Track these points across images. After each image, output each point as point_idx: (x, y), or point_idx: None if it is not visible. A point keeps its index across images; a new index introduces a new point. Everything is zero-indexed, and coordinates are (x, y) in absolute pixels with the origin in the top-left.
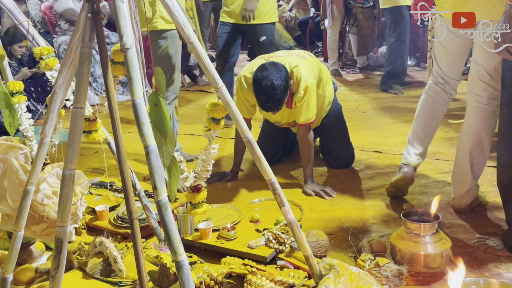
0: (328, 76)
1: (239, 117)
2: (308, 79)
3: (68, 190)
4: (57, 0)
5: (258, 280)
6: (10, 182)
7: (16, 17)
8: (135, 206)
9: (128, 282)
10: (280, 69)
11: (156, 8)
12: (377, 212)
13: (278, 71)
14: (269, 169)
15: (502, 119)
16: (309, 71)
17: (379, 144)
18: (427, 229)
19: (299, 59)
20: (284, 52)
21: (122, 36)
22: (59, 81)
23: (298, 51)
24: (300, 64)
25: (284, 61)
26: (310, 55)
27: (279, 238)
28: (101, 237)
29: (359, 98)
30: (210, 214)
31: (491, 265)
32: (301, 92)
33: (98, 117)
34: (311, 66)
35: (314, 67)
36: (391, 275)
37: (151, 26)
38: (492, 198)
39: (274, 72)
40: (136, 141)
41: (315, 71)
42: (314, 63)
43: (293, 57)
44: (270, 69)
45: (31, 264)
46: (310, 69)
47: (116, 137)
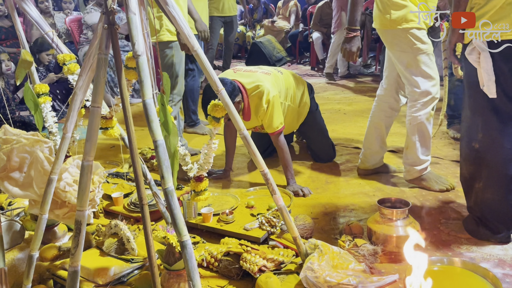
0: (304, 88)
1: (236, 117)
2: (270, 92)
3: (86, 179)
4: (88, 13)
5: (252, 258)
6: (36, 172)
7: (42, 28)
8: (145, 193)
9: (139, 259)
10: (226, 85)
11: (163, 22)
12: (356, 200)
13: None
14: (262, 161)
15: (464, 120)
16: (271, 85)
17: (358, 141)
18: (399, 214)
19: (263, 75)
20: (254, 67)
21: (134, 44)
22: (79, 83)
23: (268, 67)
24: (262, 80)
25: (248, 76)
26: (279, 72)
27: (271, 221)
28: (116, 220)
29: (340, 101)
30: (211, 200)
31: (453, 245)
32: (264, 106)
33: (114, 116)
34: (275, 81)
35: (280, 82)
36: (367, 254)
37: (158, 37)
38: (455, 188)
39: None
40: (147, 137)
41: (279, 86)
42: (281, 79)
43: (257, 73)
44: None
45: (54, 243)
46: (274, 83)
47: (128, 133)
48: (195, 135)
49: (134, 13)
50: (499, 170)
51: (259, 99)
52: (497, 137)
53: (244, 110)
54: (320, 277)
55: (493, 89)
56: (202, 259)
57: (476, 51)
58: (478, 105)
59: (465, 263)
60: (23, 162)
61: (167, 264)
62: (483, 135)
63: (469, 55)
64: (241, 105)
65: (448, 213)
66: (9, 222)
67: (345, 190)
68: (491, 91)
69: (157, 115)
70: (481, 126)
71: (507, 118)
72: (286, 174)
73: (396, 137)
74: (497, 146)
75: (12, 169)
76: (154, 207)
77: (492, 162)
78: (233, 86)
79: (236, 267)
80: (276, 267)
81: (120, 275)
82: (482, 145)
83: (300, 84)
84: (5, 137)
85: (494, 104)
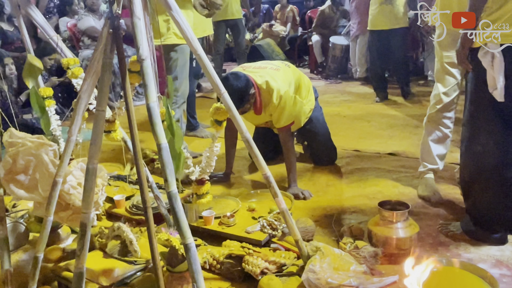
0: (309, 85)
1: (239, 119)
2: (280, 89)
3: (91, 182)
4: (80, 20)
5: (254, 260)
6: (41, 175)
7: (47, 32)
8: (148, 196)
9: (142, 261)
10: (240, 78)
11: (170, 26)
12: (356, 202)
13: (237, 80)
14: (264, 164)
15: (466, 123)
16: (282, 80)
17: (357, 144)
18: (399, 216)
19: (272, 71)
20: (262, 63)
21: (139, 49)
22: (84, 87)
23: (275, 61)
24: (273, 76)
25: (258, 73)
26: (287, 65)
27: (272, 224)
28: (118, 222)
29: (340, 104)
30: (213, 203)
31: (452, 246)
32: (275, 102)
33: (116, 119)
34: (285, 75)
35: (289, 76)
36: (368, 256)
37: (165, 40)
38: (453, 190)
39: (233, 81)
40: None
41: (289, 79)
42: (289, 72)
43: (267, 70)
44: (230, 79)
45: (59, 245)
46: (284, 78)
47: (132, 136)
48: (194, 138)
49: (139, 18)
50: (499, 173)
51: (270, 96)
52: (499, 141)
53: (256, 105)
54: (322, 279)
55: (503, 93)
56: (204, 262)
57: (489, 54)
58: (481, 109)
59: (464, 264)
60: (28, 165)
61: (170, 266)
62: (486, 138)
63: (483, 58)
64: (254, 99)
65: (447, 214)
66: (14, 224)
67: (345, 193)
68: (501, 94)
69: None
70: (483, 130)
71: (510, 122)
72: (289, 176)
73: (394, 141)
74: (499, 150)
75: (18, 172)
76: (156, 209)
77: (493, 165)
78: (246, 79)
79: (238, 269)
80: (278, 269)
81: (123, 276)
82: (484, 149)
83: (306, 80)
84: (11, 140)
85: (498, 108)
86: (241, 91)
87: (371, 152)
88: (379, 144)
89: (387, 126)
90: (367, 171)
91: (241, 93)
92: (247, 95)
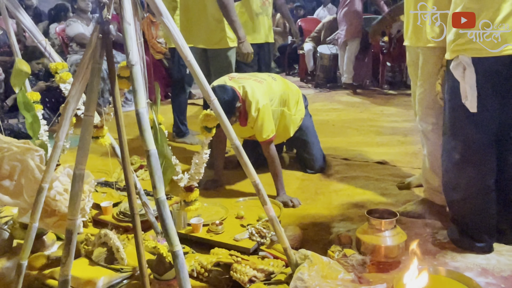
0: (298, 94)
1: (228, 126)
2: (259, 101)
3: (78, 188)
4: (68, 26)
5: (242, 268)
6: (27, 180)
7: (36, 36)
8: (136, 203)
9: (128, 269)
10: (227, 91)
11: None
12: (345, 210)
13: (224, 92)
14: (254, 172)
15: (446, 132)
16: (263, 93)
17: (346, 152)
18: (387, 224)
19: (255, 83)
20: (247, 74)
21: (129, 54)
22: (72, 92)
23: (262, 74)
24: (253, 88)
25: (240, 83)
26: (273, 78)
27: (261, 232)
28: (105, 229)
29: (329, 112)
30: (201, 211)
31: (438, 255)
32: (254, 114)
33: (104, 125)
34: (268, 89)
35: (274, 89)
36: (356, 264)
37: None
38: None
39: (221, 94)
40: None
41: (273, 93)
42: (274, 85)
43: (250, 81)
44: (217, 92)
45: (43, 252)
46: (265, 91)
47: (121, 142)
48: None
49: (129, 23)
50: (479, 182)
51: (249, 107)
52: (478, 149)
53: (241, 116)
54: (310, 287)
55: (474, 104)
56: (192, 269)
57: (461, 65)
58: (459, 119)
59: (450, 272)
60: (13, 170)
61: (157, 274)
62: (464, 147)
63: (454, 70)
64: (239, 112)
65: (434, 223)
66: None
67: (334, 201)
68: (472, 105)
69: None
70: (462, 139)
71: (488, 131)
72: (276, 184)
73: (383, 149)
74: (478, 159)
75: (3, 177)
76: (144, 216)
77: (473, 174)
78: (233, 92)
79: (226, 277)
80: (266, 278)
81: (109, 284)
82: (463, 158)
83: (294, 91)
84: None
85: (473, 118)
86: (227, 104)
87: (360, 161)
88: (367, 153)
89: (376, 134)
90: (356, 179)
91: (228, 105)
92: (234, 108)
